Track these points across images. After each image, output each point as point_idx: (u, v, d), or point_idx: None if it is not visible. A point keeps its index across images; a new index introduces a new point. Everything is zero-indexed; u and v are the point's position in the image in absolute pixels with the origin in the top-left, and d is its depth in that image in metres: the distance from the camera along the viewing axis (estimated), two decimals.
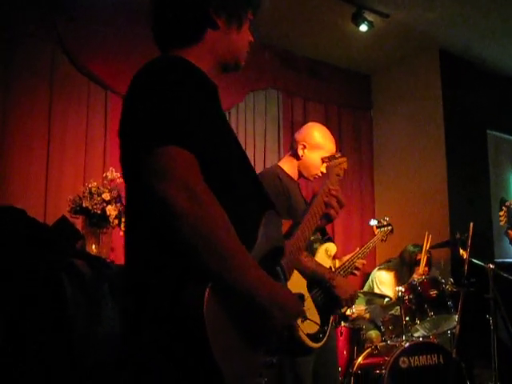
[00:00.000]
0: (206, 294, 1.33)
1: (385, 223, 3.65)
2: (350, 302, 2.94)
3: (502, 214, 3.63)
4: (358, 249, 3.30)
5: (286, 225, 1.84)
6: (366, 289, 5.27)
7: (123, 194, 4.01)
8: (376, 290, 5.06)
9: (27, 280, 2.78)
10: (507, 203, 3.66)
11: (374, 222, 3.69)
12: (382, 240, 3.60)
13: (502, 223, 3.64)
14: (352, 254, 3.25)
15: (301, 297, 1.67)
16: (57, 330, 2.82)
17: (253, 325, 1.44)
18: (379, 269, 5.26)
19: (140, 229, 1.51)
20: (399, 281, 5.03)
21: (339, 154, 2.23)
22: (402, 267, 5.13)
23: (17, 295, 2.75)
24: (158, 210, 1.37)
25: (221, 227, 1.36)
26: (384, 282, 5.10)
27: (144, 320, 1.43)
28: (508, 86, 6.70)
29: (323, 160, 2.17)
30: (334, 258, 3.14)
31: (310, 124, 3.28)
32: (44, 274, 2.82)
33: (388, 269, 5.23)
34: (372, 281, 5.21)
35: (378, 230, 3.62)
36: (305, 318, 2.69)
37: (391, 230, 3.64)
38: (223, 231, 1.36)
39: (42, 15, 4.69)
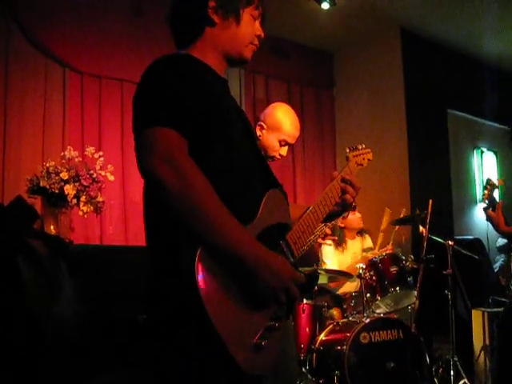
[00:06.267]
0: (197, 258, 1.45)
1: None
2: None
3: (486, 192, 3.77)
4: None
5: (302, 209, 1.98)
6: None
7: (81, 173, 3.96)
8: (322, 263, 5.07)
9: None
10: (491, 182, 3.79)
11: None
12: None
13: (485, 202, 3.77)
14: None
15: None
16: (14, 312, 2.77)
17: (247, 287, 1.54)
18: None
19: (146, 202, 1.72)
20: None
21: (363, 146, 2.39)
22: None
23: None
24: (146, 182, 1.61)
25: (202, 195, 1.49)
26: (327, 254, 5.11)
27: (154, 293, 1.64)
28: (469, 66, 6.77)
29: (349, 149, 2.31)
30: None
31: (274, 104, 3.13)
32: None
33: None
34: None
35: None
36: None
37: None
38: (205, 199, 1.50)
39: None
